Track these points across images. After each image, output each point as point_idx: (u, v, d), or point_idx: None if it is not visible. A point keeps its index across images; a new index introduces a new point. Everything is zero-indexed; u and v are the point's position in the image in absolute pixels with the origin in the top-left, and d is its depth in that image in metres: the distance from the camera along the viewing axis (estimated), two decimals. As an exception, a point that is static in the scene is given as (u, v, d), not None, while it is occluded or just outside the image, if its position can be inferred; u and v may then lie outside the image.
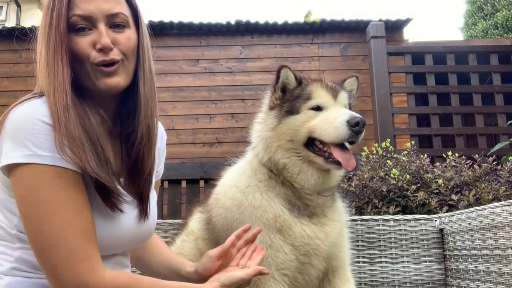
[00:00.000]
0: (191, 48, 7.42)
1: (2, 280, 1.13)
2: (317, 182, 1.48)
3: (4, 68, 7.38)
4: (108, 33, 1.21)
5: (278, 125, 1.51)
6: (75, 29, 1.20)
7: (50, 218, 1.06)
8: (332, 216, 1.54)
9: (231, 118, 7.23)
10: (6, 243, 1.17)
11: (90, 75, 1.20)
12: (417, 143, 4.54)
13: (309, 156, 1.47)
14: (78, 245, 1.08)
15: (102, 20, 1.20)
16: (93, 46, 1.19)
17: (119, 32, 1.23)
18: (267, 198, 1.50)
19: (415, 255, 2.32)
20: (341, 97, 1.54)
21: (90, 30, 1.20)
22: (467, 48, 5.66)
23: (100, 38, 1.18)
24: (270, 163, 1.51)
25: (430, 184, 3.04)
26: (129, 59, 1.25)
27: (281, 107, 1.54)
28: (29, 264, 1.15)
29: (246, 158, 1.65)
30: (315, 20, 8.13)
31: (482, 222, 1.99)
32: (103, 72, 1.20)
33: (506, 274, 1.81)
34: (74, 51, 1.19)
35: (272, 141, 1.51)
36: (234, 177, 1.62)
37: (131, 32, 1.27)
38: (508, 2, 11.48)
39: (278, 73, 1.56)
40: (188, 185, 4.44)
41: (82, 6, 1.19)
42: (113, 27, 1.23)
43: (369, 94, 5.49)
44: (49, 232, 1.06)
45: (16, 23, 10.57)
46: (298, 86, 1.56)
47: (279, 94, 1.57)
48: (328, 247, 1.49)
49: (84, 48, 1.19)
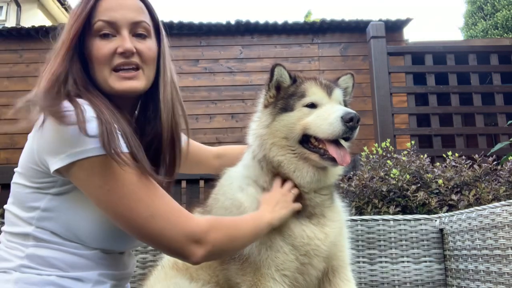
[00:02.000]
0: (191, 48, 7.42)
1: (11, 275, 1.16)
2: (312, 179, 1.48)
3: (4, 68, 7.38)
4: (131, 40, 1.28)
5: (272, 122, 1.51)
6: (99, 35, 1.26)
7: (135, 196, 1.15)
8: (331, 216, 1.54)
9: (231, 118, 7.23)
10: (19, 240, 1.21)
11: (108, 79, 1.26)
12: (417, 143, 4.54)
13: (304, 153, 1.47)
14: (168, 207, 1.19)
15: (126, 27, 1.28)
16: (115, 51, 1.25)
17: (141, 41, 1.30)
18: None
19: (415, 255, 2.32)
20: (335, 94, 1.53)
21: (114, 37, 1.27)
22: (467, 48, 5.65)
23: (123, 42, 1.26)
24: (266, 161, 1.51)
25: (430, 184, 3.04)
26: (149, 67, 1.32)
27: (275, 104, 1.54)
28: (41, 260, 1.18)
29: (244, 158, 1.65)
30: (315, 20, 8.13)
31: (482, 222, 1.99)
32: (122, 77, 1.26)
33: (506, 274, 1.81)
34: (96, 56, 1.25)
35: (267, 138, 1.51)
36: (233, 177, 1.62)
37: (152, 42, 1.34)
38: (508, 2, 11.48)
39: (272, 71, 1.56)
40: (188, 185, 4.43)
41: (108, 13, 1.26)
42: (136, 36, 1.30)
43: (369, 94, 5.49)
44: (140, 207, 1.15)
45: (16, 23, 10.56)
46: (292, 84, 1.57)
47: (273, 92, 1.58)
48: (328, 247, 1.49)
49: (106, 53, 1.25)
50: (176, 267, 1.60)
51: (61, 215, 1.20)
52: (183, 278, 1.53)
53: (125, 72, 1.26)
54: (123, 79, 1.26)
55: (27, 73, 7.37)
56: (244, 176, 1.58)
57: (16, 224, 1.23)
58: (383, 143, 3.69)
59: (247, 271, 1.44)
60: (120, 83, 1.26)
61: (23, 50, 7.46)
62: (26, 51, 7.45)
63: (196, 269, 1.55)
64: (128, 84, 1.27)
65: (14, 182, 1.26)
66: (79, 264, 1.22)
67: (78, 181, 1.16)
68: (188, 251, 1.18)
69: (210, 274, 1.53)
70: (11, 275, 1.16)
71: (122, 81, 1.26)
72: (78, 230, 1.22)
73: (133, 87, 1.28)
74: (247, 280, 1.44)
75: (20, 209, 1.23)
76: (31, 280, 1.16)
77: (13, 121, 1.29)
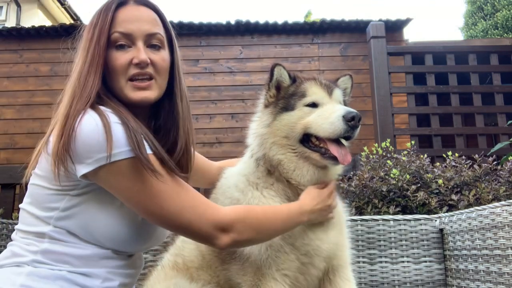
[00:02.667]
0: (191, 48, 7.42)
1: (24, 269, 1.22)
2: (312, 178, 1.48)
3: (4, 68, 7.37)
4: (146, 51, 1.33)
5: (273, 122, 1.52)
6: (115, 46, 1.32)
7: (163, 194, 1.22)
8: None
9: (231, 118, 7.23)
10: (34, 237, 1.26)
11: (124, 89, 1.32)
12: (417, 143, 4.54)
13: (305, 152, 1.47)
14: (194, 200, 1.26)
15: (141, 39, 1.33)
16: (130, 62, 1.31)
17: (155, 52, 1.36)
18: (266, 196, 1.50)
19: (415, 255, 2.32)
20: (336, 94, 1.54)
21: (129, 48, 1.33)
22: (467, 48, 5.66)
23: (138, 53, 1.31)
24: (265, 160, 1.52)
25: (430, 184, 3.04)
26: (162, 77, 1.38)
27: (275, 104, 1.55)
28: (54, 256, 1.23)
29: (244, 158, 1.65)
30: (315, 20, 8.13)
31: (482, 222, 1.99)
32: (137, 87, 1.32)
33: (506, 274, 1.81)
34: (113, 66, 1.31)
35: (267, 137, 1.51)
36: (232, 177, 1.62)
37: (165, 53, 1.40)
38: (508, 2, 11.48)
39: (271, 71, 1.57)
40: (188, 185, 4.43)
41: (124, 24, 1.32)
42: (150, 47, 1.36)
43: (369, 94, 5.49)
44: (170, 204, 1.22)
45: (16, 23, 10.55)
46: (292, 84, 1.58)
47: (273, 92, 1.58)
48: (328, 247, 1.49)
49: (122, 63, 1.31)
50: (176, 267, 1.60)
51: (80, 214, 1.25)
52: (183, 279, 1.53)
53: (139, 82, 1.32)
54: (138, 89, 1.32)
55: (27, 73, 7.37)
56: (241, 175, 1.58)
57: (32, 224, 1.27)
58: (383, 143, 3.69)
59: (247, 271, 1.44)
60: (135, 93, 1.32)
61: (23, 50, 7.46)
62: (26, 51, 7.45)
63: (197, 269, 1.55)
64: (142, 94, 1.33)
65: (32, 184, 1.30)
66: (90, 261, 1.26)
67: (106, 183, 1.21)
68: (215, 238, 1.26)
69: (211, 274, 1.53)
70: (23, 268, 1.21)
71: (137, 91, 1.32)
72: (95, 230, 1.26)
73: (147, 97, 1.34)
74: (248, 280, 1.44)
75: (38, 209, 1.27)
76: (42, 274, 1.21)
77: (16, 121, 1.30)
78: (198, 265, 1.57)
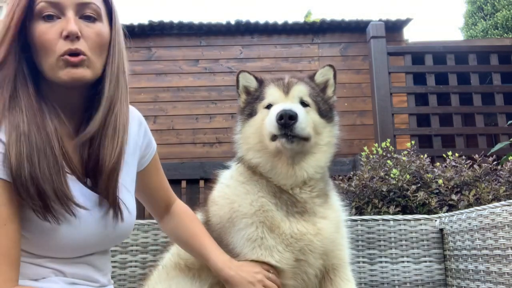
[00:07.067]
0: (191, 48, 7.42)
1: None
2: (287, 175, 1.48)
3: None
4: (77, 22, 1.15)
5: (242, 129, 1.55)
6: (42, 17, 1.14)
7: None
8: (324, 213, 1.53)
9: (231, 118, 7.23)
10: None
11: (55, 68, 1.14)
12: (417, 143, 4.54)
13: (277, 146, 1.45)
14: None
15: (71, 8, 1.15)
16: (60, 35, 1.13)
17: (89, 24, 1.18)
18: (250, 192, 1.50)
19: (415, 255, 2.32)
20: (294, 91, 1.51)
21: (59, 19, 1.15)
22: (467, 48, 5.66)
23: (67, 24, 1.13)
24: (244, 161, 1.54)
25: (430, 184, 3.04)
26: (97, 54, 1.19)
27: (243, 110, 1.58)
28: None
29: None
30: (315, 20, 8.12)
31: (482, 222, 1.99)
32: (68, 62, 1.13)
33: (506, 274, 1.82)
34: (40, 41, 1.13)
35: (241, 143, 1.55)
36: (226, 178, 1.65)
37: (103, 26, 1.21)
38: (508, 2, 11.48)
39: (237, 78, 1.60)
40: (188, 185, 4.44)
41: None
42: (84, 18, 1.17)
43: (369, 94, 5.50)
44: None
45: (16, 23, 10.57)
46: (258, 88, 1.58)
47: (244, 98, 1.61)
48: (322, 243, 1.48)
49: (50, 38, 1.13)
50: (178, 267, 1.60)
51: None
52: (185, 278, 1.53)
53: (71, 56, 1.13)
54: (70, 66, 1.14)
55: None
56: (233, 176, 1.61)
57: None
58: (383, 143, 3.69)
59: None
60: (68, 71, 1.14)
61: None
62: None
63: (199, 269, 1.56)
64: (76, 73, 1.14)
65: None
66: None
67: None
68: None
69: (212, 275, 1.54)
70: None
71: (70, 68, 1.14)
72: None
73: (81, 76, 1.15)
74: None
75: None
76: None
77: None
78: (199, 266, 1.57)
